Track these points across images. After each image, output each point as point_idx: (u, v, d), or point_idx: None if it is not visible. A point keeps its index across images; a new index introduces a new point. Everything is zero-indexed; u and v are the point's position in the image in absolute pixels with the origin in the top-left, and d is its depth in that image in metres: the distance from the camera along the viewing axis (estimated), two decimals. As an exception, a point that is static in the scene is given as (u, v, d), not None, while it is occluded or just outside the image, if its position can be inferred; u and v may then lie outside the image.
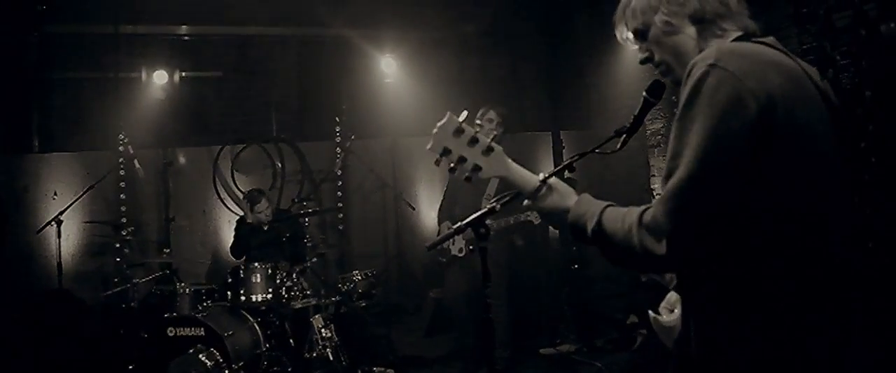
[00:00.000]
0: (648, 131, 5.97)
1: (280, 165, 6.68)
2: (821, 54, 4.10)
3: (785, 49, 1.50)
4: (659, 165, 5.87)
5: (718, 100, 1.32)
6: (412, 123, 6.66)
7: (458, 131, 1.65)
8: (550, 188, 1.67)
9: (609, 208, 1.54)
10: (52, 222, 5.46)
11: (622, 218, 1.47)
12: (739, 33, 1.53)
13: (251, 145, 6.65)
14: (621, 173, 6.19)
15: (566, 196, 1.66)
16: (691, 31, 1.54)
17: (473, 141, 1.66)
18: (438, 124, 1.65)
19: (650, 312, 1.85)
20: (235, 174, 6.61)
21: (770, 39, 1.51)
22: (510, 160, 1.69)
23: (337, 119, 6.72)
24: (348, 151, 6.69)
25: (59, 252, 5.48)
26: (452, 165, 1.66)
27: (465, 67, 6.51)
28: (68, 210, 5.64)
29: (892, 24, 3.89)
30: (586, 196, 1.64)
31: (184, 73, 6.62)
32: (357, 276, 5.33)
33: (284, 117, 6.84)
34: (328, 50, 6.67)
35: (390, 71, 6.75)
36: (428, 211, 6.64)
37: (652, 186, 5.95)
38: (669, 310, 1.83)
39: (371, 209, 6.80)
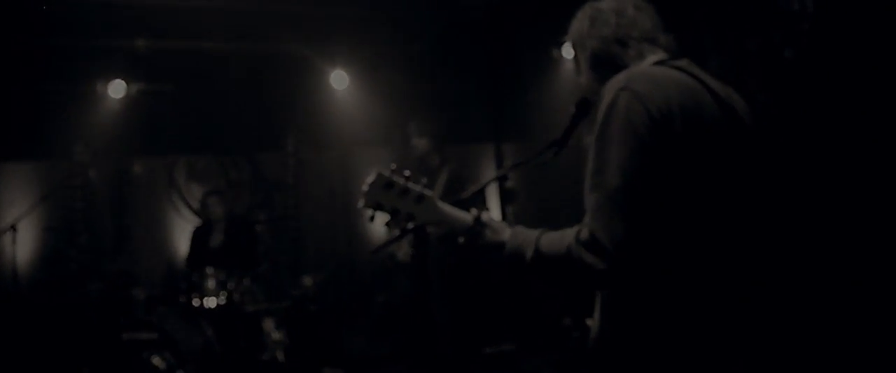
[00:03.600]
0: (586, 144, 6.30)
1: (235, 175, 6.92)
2: (734, 78, 4.52)
3: (697, 70, 1.65)
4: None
5: (630, 118, 1.48)
6: (363, 135, 6.94)
7: (389, 185, 1.73)
8: (484, 225, 1.72)
9: (544, 235, 1.61)
10: (7, 231, 5.60)
11: (560, 240, 1.54)
12: (658, 57, 1.67)
13: (206, 156, 6.87)
14: (559, 185, 6.53)
15: (500, 231, 1.71)
16: (616, 53, 1.69)
17: (404, 192, 1.73)
18: (368, 181, 1.73)
19: (588, 320, 1.93)
20: (191, 184, 6.82)
21: (683, 62, 1.66)
22: (442, 204, 1.76)
23: (290, 131, 6.98)
24: (301, 162, 6.95)
25: (15, 260, 5.62)
26: (388, 218, 1.75)
27: (412, 81, 6.75)
28: (25, 219, 5.77)
29: (794, 49, 4.33)
30: (520, 228, 1.69)
31: (140, 86, 6.76)
32: (308, 280, 5.60)
33: (239, 129, 7.04)
34: (282, 64, 6.87)
35: (341, 85, 6.99)
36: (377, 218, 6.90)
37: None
38: None
39: (322, 217, 7.06)
